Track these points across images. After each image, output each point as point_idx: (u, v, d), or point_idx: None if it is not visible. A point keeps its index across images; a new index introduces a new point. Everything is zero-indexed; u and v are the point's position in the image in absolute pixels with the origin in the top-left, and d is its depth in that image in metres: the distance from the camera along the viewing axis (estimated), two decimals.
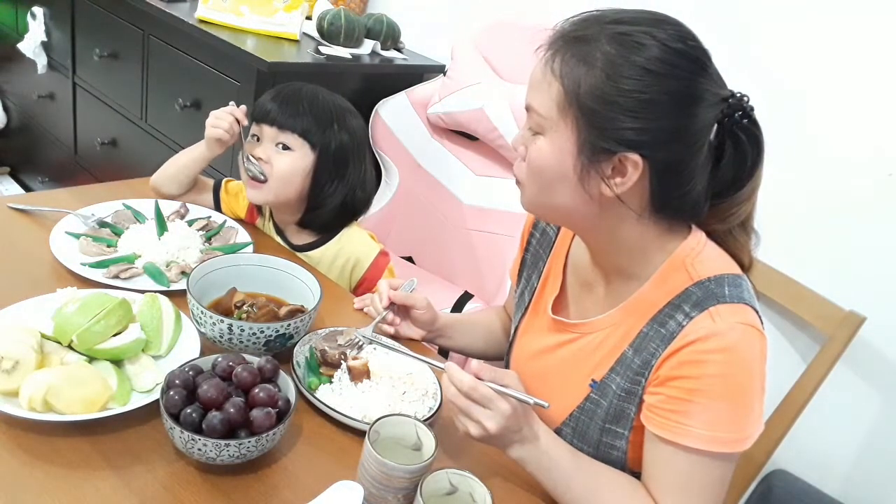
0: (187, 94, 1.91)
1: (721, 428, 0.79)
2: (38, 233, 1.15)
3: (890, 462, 1.49)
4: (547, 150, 0.80)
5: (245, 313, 0.98)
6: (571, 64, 0.76)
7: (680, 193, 0.81)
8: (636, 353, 0.86)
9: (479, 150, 1.91)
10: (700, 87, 0.77)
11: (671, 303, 0.83)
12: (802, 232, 1.47)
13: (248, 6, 1.89)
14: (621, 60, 0.74)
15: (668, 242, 0.86)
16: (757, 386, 0.80)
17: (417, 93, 1.94)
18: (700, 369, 0.79)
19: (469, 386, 0.78)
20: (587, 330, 0.93)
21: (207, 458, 0.75)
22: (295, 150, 1.20)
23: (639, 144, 0.76)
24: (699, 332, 0.79)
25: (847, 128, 1.43)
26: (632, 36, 0.75)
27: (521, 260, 1.10)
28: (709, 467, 0.80)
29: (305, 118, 1.19)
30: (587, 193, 0.80)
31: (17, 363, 0.79)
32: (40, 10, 2.43)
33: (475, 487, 0.75)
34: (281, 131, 1.19)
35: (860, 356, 1.45)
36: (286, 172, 1.20)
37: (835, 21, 1.42)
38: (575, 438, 0.94)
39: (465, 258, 1.92)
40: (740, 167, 0.82)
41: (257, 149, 1.21)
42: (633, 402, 0.87)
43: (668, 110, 0.75)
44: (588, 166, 0.78)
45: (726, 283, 0.82)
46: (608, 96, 0.75)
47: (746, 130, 0.81)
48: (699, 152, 0.80)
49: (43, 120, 2.68)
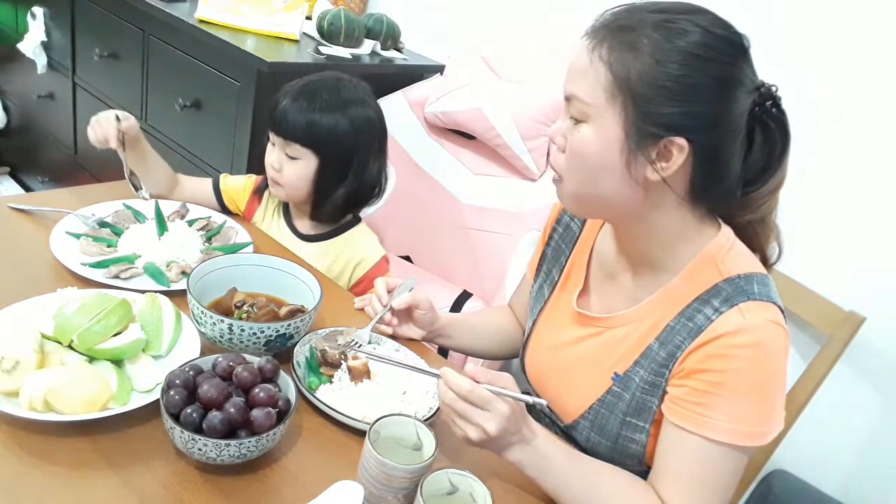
0: (187, 94, 1.91)
1: (744, 421, 0.80)
2: (38, 233, 1.14)
3: (890, 462, 1.49)
4: (592, 137, 0.80)
5: (245, 313, 0.98)
6: (619, 50, 0.77)
7: (719, 178, 0.83)
8: (662, 346, 0.87)
9: (477, 149, 1.91)
10: (741, 72, 0.79)
11: (700, 297, 0.85)
12: (802, 232, 1.47)
13: (248, 6, 1.89)
14: (668, 46, 0.76)
15: (699, 234, 0.87)
16: (779, 382, 0.82)
17: (414, 92, 1.94)
18: (727, 363, 0.80)
19: (467, 389, 0.77)
20: (612, 324, 0.94)
21: (208, 458, 0.75)
22: (300, 159, 1.24)
23: (684, 128, 0.77)
24: (728, 326, 0.80)
25: (847, 128, 1.43)
26: (675, 23, 0.77)
27: (542, 254, 1.11)
28: (726, 459, 0.81)
29: (308, 122, 1.21)
30: (633, 178, 0.81)
31: (17, 363, 0.79)
32: (40, 9, 2.43)
33: (475, 487, 0.75)
34: (286, 142, 1.23)
35: (860, 356, 1.45)
36: (294, 179, 1.26)
37: (834, 20, 1.42)
38: (593, 432, 0.95)
39: (464, 257, 1.92)
40: (770, 155, 0.84)
41: (271, 155, 1.26)
42: (656, 395, 0.88)
43: (713, 94, 0.78)
44: (635, 151, 0.79)
45: (755, 282, 0.84)
46: (658, 81, 0.76)
47: (776, 119, 0.83)
48: (737, 138, 0.82)
49: (43, 120, 2.68)
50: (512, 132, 1.74)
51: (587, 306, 1.00)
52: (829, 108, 1.44)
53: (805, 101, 1.45)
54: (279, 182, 1.27)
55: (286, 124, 1.22)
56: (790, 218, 1.45)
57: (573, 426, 0.98)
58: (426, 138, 1.97)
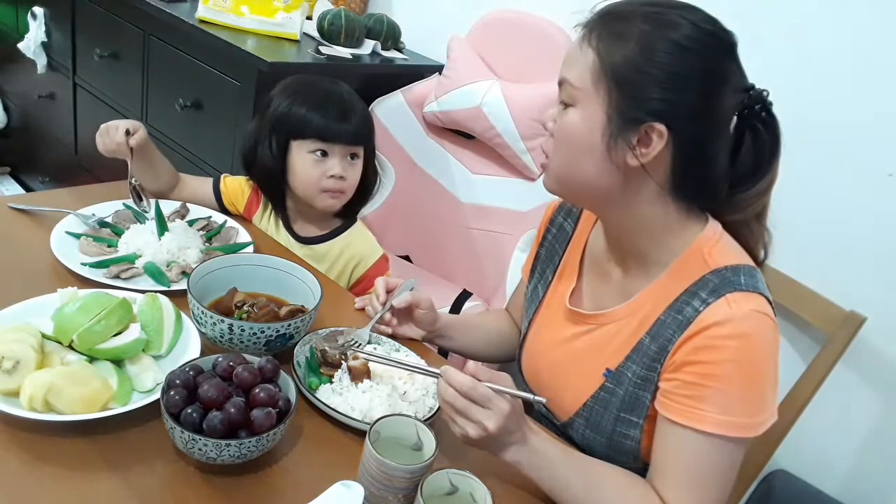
0: (187, 94, 1.91)
1: (735, 412, 0.80)
2: (38, 233, 1.14)
3: (890, 462, 1.49)
4: (577, 119, 0.83)
5: (245, 313, 0.98)
6: (607, 38, 0.80)
7: (700, 172, 0.84)
8: (653, 341, 0.87)
9: (476, 149, 1.91)
10: (726, 69, 0.81)
11: (688, 290, 0.85)
12: (803, 232, 1.47)
13: (249, 6, 1.89)
14: (656, 35, 0.78)
15: (685, 229, 0.88)
16: (770, 373, 0.82)
17: (413, 91, 1.94)
18: (715, 354, 0.80)
19: (469, 385, 0.78)
20: (604, 321, 0.94)
21: (208, 458, 0.75)
22: (359, 159, 1.26)
23: (665, 115, 0.79)
24: (715, 317, 0.81)
25: (847, 128, 1.43)
26: (666, 15, 0.80)
27: (536, 255, 1.12)
28: (721, 452, 0.82)
29: (357, 123, 1.24)
30: (613, 163, 0.82)
31: (17, 363, 0.79)
32: (40, 10, 2.43)
33: (475, 487, 0.75)
34: (348, 147, 1.24)
35: (861, 356, 1.45)
36: (355, 182, 1.27)
37: (834, 20, 1.42)
38: (588, 429, 0.95)
39: (463, 256, 1.92)
40: (758, 159, 0.85)
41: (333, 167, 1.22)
42: (648, 390, 0.88)
43: (696, 86, 0.79)
44: (616, 135, 0.81)
45: (742, 273, 0.84)
46: (641, 66, 0.78)
47: (766, 123, 0.84)
48: (720, 135, 0.83)
49: (43, 120, 2.68)
50: (511, 132, 1.74)
51: (580, 304, 1.00)
52: (830, 108, 1.44)
53: (805, 100, 1.45)
54: (344, 190, 1.25)
55: (344, 130, 1.21)
56: (790, 218, 1.45)
57: (569, 424, 0.98)
58: (426, 138, 1.97)
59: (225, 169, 1.81)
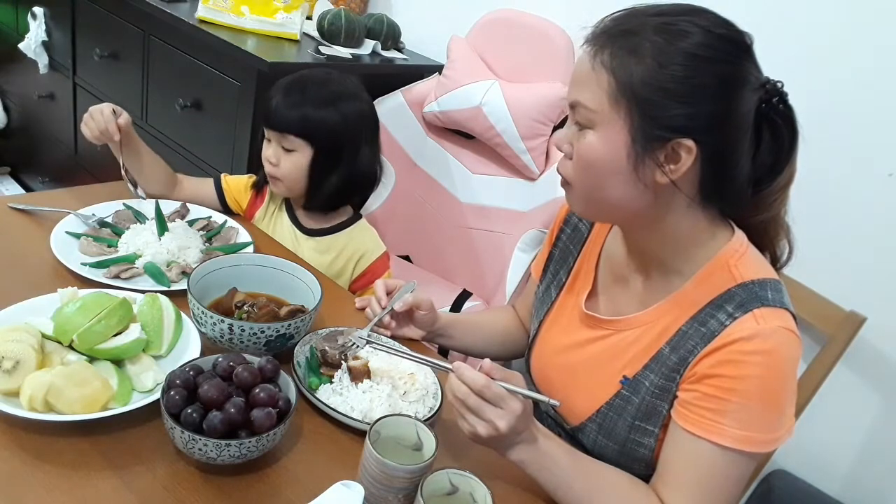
0: (187, 94, 1.91)
1: (754, 428, 0.80)
2: (38, 233, 1.14)
3: (890, 462, 1.49)
4: (598, 143, 0.80)
5: (245, 313, 0.98)
6: (621, 56, 0.77)
7: (729, 178, 0.82)
8: (673, 351, 0.86)
9: (476, 149, 1.91)
10: (745, 70, 0.79)
11: (713, 302, 0.84)
12: (803, 232, 1.47)
13: (249, 6, 1.89)
14: (669, 48, 0.76)
15: (711, 238, 0.87)
16: (791, 389, 0.82)
17: (413, 91, 1.94)
18: (739, 369, 0.80)
19: (482, 384, 0.77)
20: (622, 327, 0.93)
21: (208, 458, 0.75)
22: (296, 151, 1.25)
23: (691, 130, 0.77)
24: (742, 332, 0.80)
25: (847, 128, 1.43)
26: (676, 25, 0.77)
27: (549, 255, 1.10)
28: (735, 465, 0.81)
29: (300, 115, 1.23)
30: (641, 182, 0.80)
31: (17, 363, 0.79)
32: (41, 10, 2.43)
33: (476, 487, 0.75)
34: (282, 135, 1.25)
35: (861, 356, 1.45)
36: (291, 171, 1.27)
37: (833, 20, 1.42)
38: (601, 435, 0.94)
39: (463, 256, 1.92)
40: (778, 152, 0.84)
41: (268, 150, 1.28)
42: (666, 400, 0.87)
43: (717, 93, 0.77)
44: (642, 155, 0.79)
45: (769, 287, 0.83)
46: (660, 84, 0.76)
47: (783, 115, 0.82)
48: (745, 136, 0.81)
49: (43, 120, 2.68)
50: (511, 132, 1.74)
51: (595, 308, 0.99)
52: (829, 108, 1.44)
53: (804, 100, 1.45)
54: (277, 176, 1.28)
55: (280, 117, 1.24)
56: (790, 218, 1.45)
57: (580, 429, 0.97)
58: (426, 138, 1.97)
59: (225, 169, 1.80)
